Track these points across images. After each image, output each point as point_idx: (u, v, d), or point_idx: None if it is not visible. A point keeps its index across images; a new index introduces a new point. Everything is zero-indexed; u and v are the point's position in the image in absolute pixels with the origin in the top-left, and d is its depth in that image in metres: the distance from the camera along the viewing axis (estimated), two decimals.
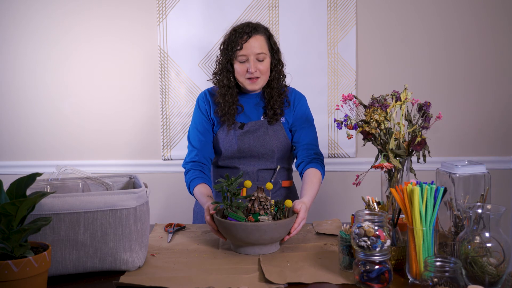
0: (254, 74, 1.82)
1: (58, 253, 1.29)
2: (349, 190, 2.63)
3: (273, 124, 1.90)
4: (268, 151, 1.89)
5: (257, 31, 1.83)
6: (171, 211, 2.71)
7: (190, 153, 1.92)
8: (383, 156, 1.52)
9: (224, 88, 1.87)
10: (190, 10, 2.61)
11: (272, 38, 1.89)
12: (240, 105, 1.90)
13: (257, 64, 1.82)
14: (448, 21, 2.62)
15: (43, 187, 1.51)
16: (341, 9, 2.61)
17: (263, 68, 1.83)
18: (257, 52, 1.80)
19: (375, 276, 1.20)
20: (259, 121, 1.90)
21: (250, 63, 1.80)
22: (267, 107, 1.91)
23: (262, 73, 1.83)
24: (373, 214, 1.26)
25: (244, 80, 1.84)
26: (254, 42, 1.81)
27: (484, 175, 1.38)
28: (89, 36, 2.64)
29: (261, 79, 1.85)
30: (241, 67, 1.82)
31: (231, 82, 1.87)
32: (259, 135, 1.89)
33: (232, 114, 1.87)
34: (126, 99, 2.68)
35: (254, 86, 1.85)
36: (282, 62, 1.92)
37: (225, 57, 1.85)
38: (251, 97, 1.94)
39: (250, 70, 1.80)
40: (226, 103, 1.86)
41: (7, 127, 2.69)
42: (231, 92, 1.87)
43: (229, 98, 1.86)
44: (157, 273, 1.34)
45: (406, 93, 1.53)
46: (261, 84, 1.86)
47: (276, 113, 1.89)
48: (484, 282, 1.15)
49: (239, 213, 1.49)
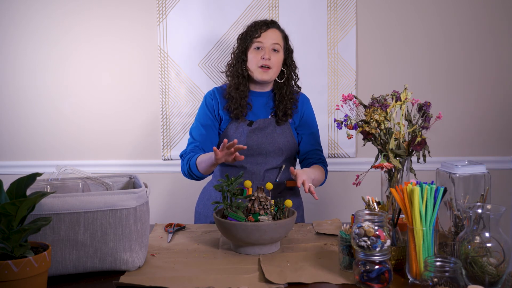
0: (267, 63, 1.87)
1: (58, 253, 1.29)
2: (349, 190, 2.63)
3: (281, 124, 1.94)
4: (276, 149, 1.91)
5: (275, 25, 1.94)
6: (171, 211, 2.71)
7: (190, 145, 1.94)
8: (383, 156, 1.52)
9: (238, 78, 1.91)
10: (190, 10, 2.61)
11: (288, 39, 1.98)
12: (249, 103, 1.93)
13: (271, 54, 1.88)
14: (448, 21, 2.62)
15: (43, 187, 1.51)
16: (341, 9, 2.61)
17: (275, 60, 1.89)
18: (273, 41, 1.88)
19: (375, 276, 1.20)
20: (267, 119, 1.93)
21: (265, 50, 1.87)
22: (278, 107, 1.94)
23: (274, 64, 1.88)
24: (373, 214, 1.26)
25: (256, 69, 1.89)
26: (272, 33, 1.90)
27: (484, 175, 1.38)
28: (89, 36, 2.64)
29: (272, 70, 1.89)
30: (256, 55, 1.88)
31: (245, 72, 1.92)
32: (268, 132, 1.91)
33: (244, 106, 1.90)
34: (126, 99, 2.68)
35: (264, 76, 1.88)
36: (295, 64, 1.99)
37: (242, 46, 1.92)
38: (261, 96, 1.97)
39: (264, 56, 1.86)
40: (239, 93, 1.90)
41: (7, 127, 2.69)
42: (244, 82, 1.92)
43: (243, 87, 1.91)
44: (157, 273, 1.34)
45: (406, 93, 1.53)
46: (271, 75, 1.90)
47: (287, 114, 1.93)
48: (484, 282, 1.15)
49: (239, 213, 1.49)
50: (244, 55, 1.91)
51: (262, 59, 1.86)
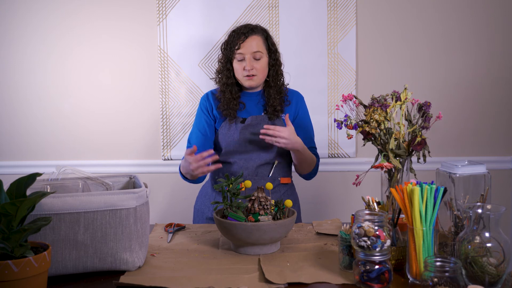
0: (250, 72, 1.92)
1: (58, 253, 1.29)
2: (349, 190, 2.63)
3: (273, 120, 1.97)
4: (268, 144, 1.92)
5: (254, 31, 1.94)
6: (171, 211, 2.71)
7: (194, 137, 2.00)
8: (383, 156, 1.52)
9: (224, 86, 1.97)
10: (190, 10, 2.61)
11: (270, 39, 1.99)
12: (242, 103, 1.99)
13: (253, 63, 1.91)
14: (448, 21, 2.62)
15: (43, 187, 1.51)
16: (341, 9, 2.61)
17: (259, 67, 1.92)
18: (253, 50, 1.91)
19: (375, 276, 1.20)
20: (260, 116, 1.97)
21: (247, 61, 1.91)
22: (267, 104, 1.98)
23: (258, 71, 1.93)
24: (373, 214, 1.26)
25: (242, 78, 1.94)
26: (251, 42, 1.91)
27: (484, 175, 1.38)
28: (89, 36, 2.64)
29: (257, 77, 1.94)
30: (239, 65, 1.93)
31: (230, 80, 1.97)
32: (260, 128, 1.92)
33: (234, 109, 1.96)
34: (126, 99, 2.68)
35: (251, 83, 1.94)
36: (280, 62, 2.01)
37: (225, 57, 1.96)
38: (253, 95, 2.01)
39: (246, 68, 1.90)
40: (226, 99, 1.96)
41: (7, 127, 2.69)
42: (231, 89, 1.97)
43: (229, 94, 1.96)
44: (157, 273, 1.34)
45: (406, 93, 1.53)
46: (257, 81, 1.95)
47: (277, 110, 1.97)
48: (484, 282, 1.15)
49: (239, 213, 1.49)
50: (229, 64, 1.97)
51: (245, 70, 1.92)
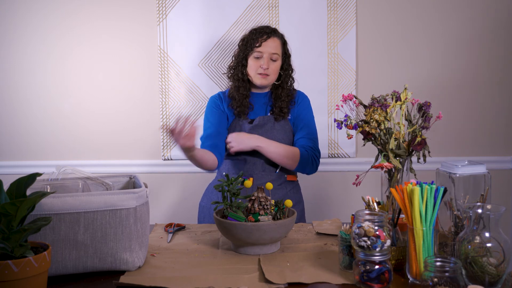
0: (266, 71, 1.96)
1: (58, 253, 1.29)
2: (349, 190, 2.63)
3: (279, 121, 2.02)
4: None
5: (275, 34, 2.02)
6: (171, 211, 2.71)
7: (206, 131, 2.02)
8: (383, 156, 1.52)
9: (239, 81, 2.02)
10: (190, 10, 2.61)
11: (287, 44, 2.06)
12: (250, 104, 2.03)
13: (269, 63, 1.97)
14: (448, 21, 2.62)
15: (43, 187, 1.51)
16: (341, 9, 2.61)
17: (274, 68, 1.99)
18: (272, 51, 1.96)
19: (375, 276, 1.20)
20: (266, 116, 2.02)
21: (264, 60, 1.96)
22: (274, 105, 2.03)
23: (272, 72, 1.98)
24: (373, 214, 1.26)
25: (255, 75, 1.99)
26: (272, 43, 1.98)
27: (484, 175, 1.38)
28: (89, 36, 2.64)
29: (270, 77, 1.99)
30: (255, 62, 1.97)
31: (245, 76, 2.01)
32: (267, 129, 2.00)
33: (246, 105, 2.01)
34: (126, 99, 2.68)
35: (264, 81, 1.99)
36: (292, 68, 2.08)
37: (243, 52, 2.00)
38: (260, 96, 2.06)
39: (263, 66, 1.95)
40: (241, 95, 2.01)
41: (7, 127, 2.69)
42: (244, 85, 2.02)
43: (243, 90, 2.01)
44: (157, 273, 1.34)
45: (406, 93, 1.53)
46: (269, 81, 2.00)
47: (283, 112, 2.02)
48: (484, 282, 1.15)
49: (239, 213, 1.49)
50: (244, 60, 2.00)
51: (261, 68, 1.96)
